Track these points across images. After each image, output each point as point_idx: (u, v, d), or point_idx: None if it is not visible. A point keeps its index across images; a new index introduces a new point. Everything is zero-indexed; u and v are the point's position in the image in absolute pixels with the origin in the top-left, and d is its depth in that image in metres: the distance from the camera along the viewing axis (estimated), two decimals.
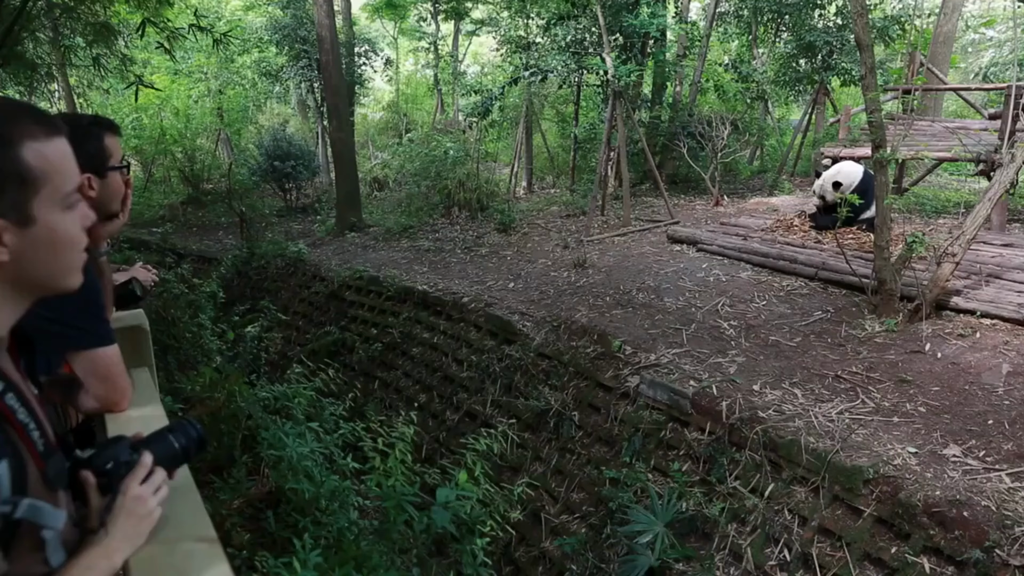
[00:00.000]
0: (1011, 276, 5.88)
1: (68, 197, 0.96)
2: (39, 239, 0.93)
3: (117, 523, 1.09)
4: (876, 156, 5.32)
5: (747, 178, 13.64)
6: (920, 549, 3.45)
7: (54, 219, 0.94)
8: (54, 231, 0.94)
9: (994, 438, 3.96)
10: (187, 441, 1.27)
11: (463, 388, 6.57)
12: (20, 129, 0.91)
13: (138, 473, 1.15)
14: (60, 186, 0.95)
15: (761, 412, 4.44)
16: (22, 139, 0.90)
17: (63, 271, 0.99)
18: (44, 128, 0.94)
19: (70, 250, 0.98)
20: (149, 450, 1.19)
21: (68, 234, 0.97)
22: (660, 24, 10.83)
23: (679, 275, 7.09)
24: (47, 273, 0.97)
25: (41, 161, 0.92)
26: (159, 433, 1.26)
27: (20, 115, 0.93)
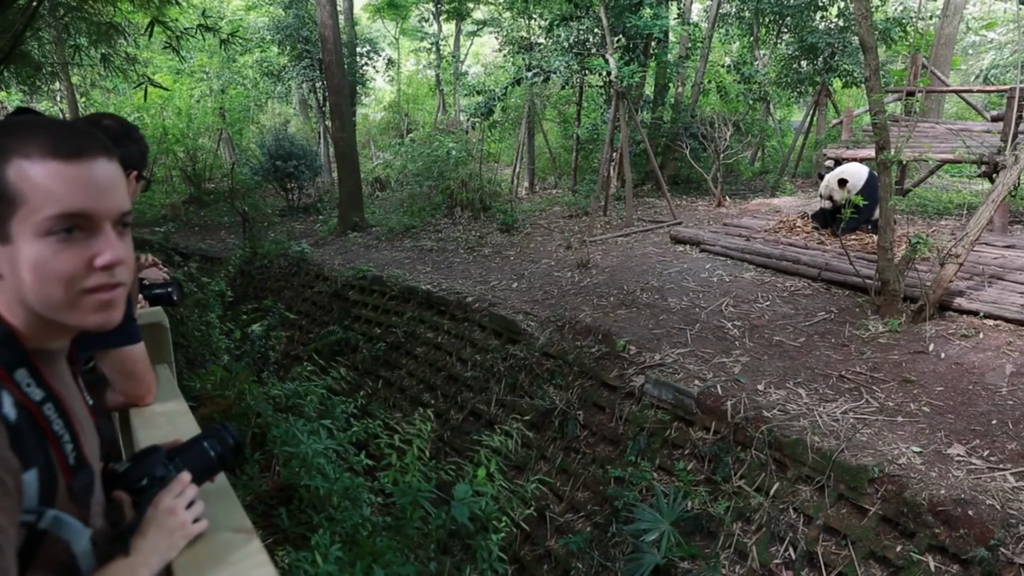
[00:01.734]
0: (1014, 277, 5.91)
1: (48, 223, 0.89)
2: (17, 261, 0.90)
3: (146, 536, 1.06)
4: (880, 158, 5.35)
5: (749, 179, 13.67)
6: (925, 547, 3.47)
7: (28, 246, 0.89)
8: (26, 259, 0.90)
9: (998, 438, 3.98)
10: (222, 448, 1.24)
11: (467, 387, 6.59)
12: (17, 145, 0.89)
13: (173, 488, 1.12)
14: (39, 211, 0.89)
15: (766, 412, 4.46)
16: (13, 156, 0.88)
17: (51, 304, 0.93)
18: (46, 148, 0.89)
19: (50, 282, 0.91)
20: (184, 461, 1.17)
21: (44, 266, 0.90)
22: (663, 25, 10.86)
23: (683, 275, 7.12)
24: (36, 299, 0.92)
25: (21, 180, 0.88)
26: (194, 441, 1.24)
27: (28, 133, 0.90)
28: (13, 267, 0.91)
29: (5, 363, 0.92)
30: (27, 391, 0.92)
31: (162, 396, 1.76)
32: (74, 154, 0.91)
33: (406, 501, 2.51)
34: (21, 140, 0.89)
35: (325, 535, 2.08)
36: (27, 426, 0.90)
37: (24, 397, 0.91)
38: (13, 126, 0.91)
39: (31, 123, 0.92)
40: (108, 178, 0.95)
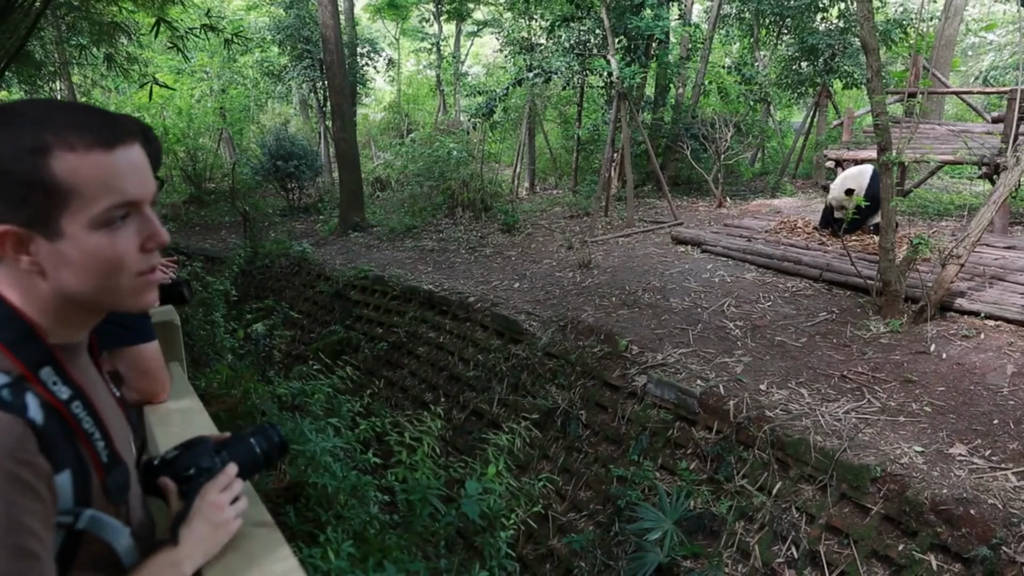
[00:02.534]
0: (1014, 278, 5.93)
1: (105, 215, 0.88)
2: (68, 255, 0.88)
3: (192, 529, 1.05)
4: (882, 159, 5.37)
5: (749, 180, 13.70)
6: (927, 546, 3.49)
7: (85, 238, 0.88)
8: (84, 251, 0.88)
9: (1000, 437, 4.00)
10: (269, 446, 1.24)
11: (469, 387, 6.61)
12: (57, 137, 0.85)
13: (220, 480, 1.11)
14: (95, 203, 0.87)
15: (768, 411, 4.48)
16: (54, 148, 0.85)
17: (107, 292, 0.92)
18: (88, 139, 0.87)
19: (109, 271, 0.90)
20: (231, 454, 1.17)
21: (104, 255, 0.89)
22: (664, 26, 10.88)
23: (684, 276, 7.14)
24: (88, 291, 0.91)
25: (72, 175, 0.85)
26: (241, 436, 1.23)
27: (63, 121, 0.86)
28: (62, 262, 0.88)
29: (29, 361, 0.89)
30: (54, 390, 0.90)
31: (176, 394, 1.78)
32: (118, 141, 0.90)
33: (416, 498, 2.53)
34: (58, 131, 0.85)
35: (336, 532, 2.09)
36: (56, 427, 0.87)
37: (51, 396, 0.89)
38: (39, 114, 0.86)
39: (59, 110, 0.89)
40: (145, 161, 0.95)
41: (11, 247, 0.87)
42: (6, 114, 0.86)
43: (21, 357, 0.87)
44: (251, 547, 1.09)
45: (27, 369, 0.87)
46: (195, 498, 1.08)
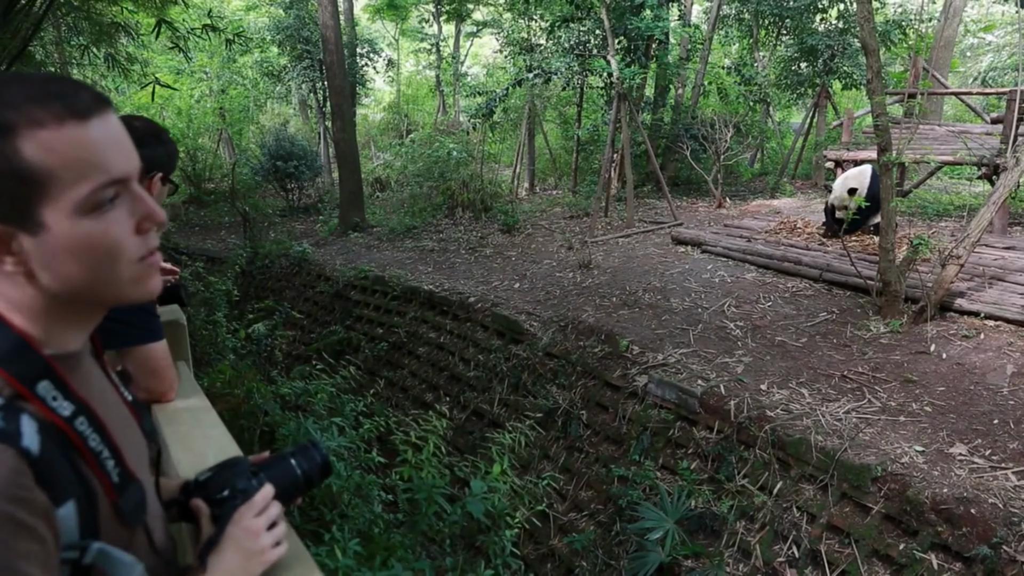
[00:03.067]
0: (1014, 279, 5.95)
1: (92, 197, 0.77)
2: (57, 249, 0.76)
3: (225, 558, 0.96)
4: (882, 159, 5.39)
5: (748, 180, 13.72)
6: (928, 545, 3.51)
7: (72, 227, 0.76)
8: (73, 242, 0.77)
9: (1000, 437, 4.02)
10: (310, 467, 1.14)
11: (470, 387, 6.61)
12: (20, 114, 0.73)
13: (255, 504, 1.02)
14: (76, 184, 0.75)
15: (769, 411, 4.50)
16: (19, 127, 0.72)
17: (105, 284, 0.81)
18: (57, 111, 0.74)
19: (106, 259, 0.79)
20: (268, 476, 1.08)
21: (96, 244, 0.78)
22: (664, 27, 10.90)
23: (684, 276, 7.15)
24: (84, 287, 0.80)
25: (45, 155, 0.73)
26: (280, 456, 1.14)
27: (24, 94, 0.74)
28: (49, 258, 0.77)
29: (24, 377, 0.77)
30: (53, 406, 0.79)
31: (183, 393, 1.79)
32: (91, 110, 0.77)
33: (422, 497, 2.54)
34: (20, 106, 0.73)
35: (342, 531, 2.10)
36: (57, 452, 0.77)
37: (51, 414, 0.78)
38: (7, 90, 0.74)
39: (14, 81, 0.75)
40: (125, 132, 0.82)
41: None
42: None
43: (14, 372, 0.77)
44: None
45: (21, 385, 0.77)
46: (227, 523, 0.99)
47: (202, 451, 1.46)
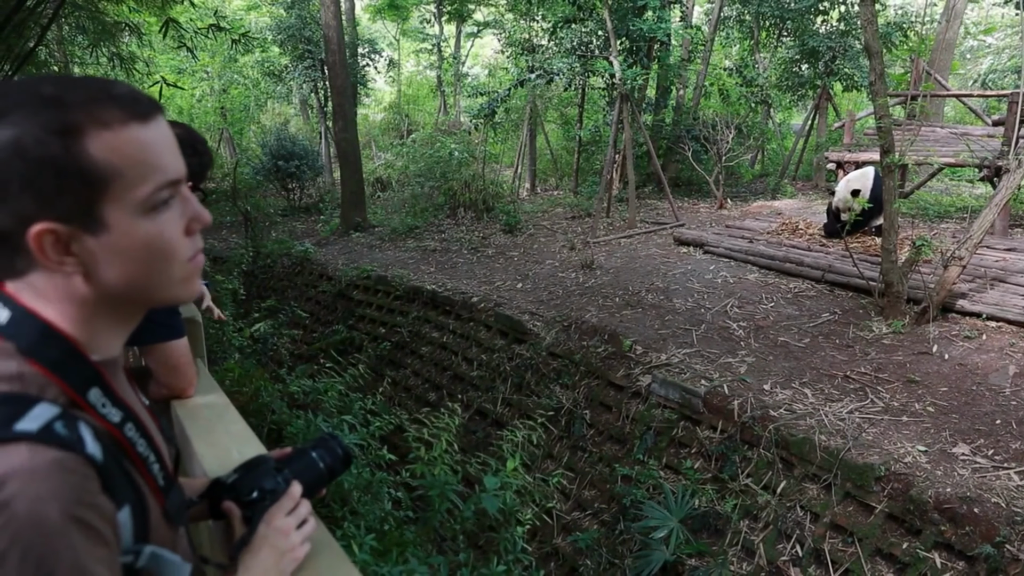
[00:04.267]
0: (1015, 280, 5.98)
1: (152, 197, 0.78)
2: (117, 249, 0.77)
3: (259, 558, 0.98)
4: (885, 161, 5.41)
5: (749, 181, 13.75)
6: (931, 544, 3.53)
7: (132, 227, 0.77)
8: (133, 241, 0.78)
9: (1002, 437, 4.05)
10: (332, 459, 1.16)
11: (473, 387, 6.63)
12: (86, 114, 0.74)
13: (285, 504, 1.05)
14: (138, 184, 0.77)
15: (772, 411, 4.52)
16: (87, 127, 0.73)
17: (159, 284, 0.83)
18: (120, 112, 0.76)
19: (162, 259, 0.81)
20: (293, 472, 1.10)
21: (154, 243, 0.79)
22: (667, 29, 10.93)
23: (687, 277, 7.17)
24: (138, 287, 0.81)
25: (111, 155, 0.74)
26: (302, 451, 1.16)
27: (87, 96, 0.75)
28: (109, 258, 0.78)
29: (77, 384, 0.78)
30: (104, 413, 0.80)
31: (202, 389, 1.81)
32: (150, 112, 0.79)
33: (434, 493, 2.55)
34: (86, 107, 0.74)
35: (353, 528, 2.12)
36: (113, 459, 0.78)
37: (104, 421, 0.79)
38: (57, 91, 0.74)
39: (77, 84, 0.77)
40: (174, 137, 0.84)
41: (50, 249, 0.75)
42: (16, 95, 0.74)
43: (68, 380, 0.77)
44: (320, 572, 1.05)
45: (75, 393, 0.77)
46: (260, 523, 1.01)
47: (226, 446, 1.48)
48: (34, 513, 0.66)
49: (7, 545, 0.65)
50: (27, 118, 0.72)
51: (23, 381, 0.75)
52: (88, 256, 0.77)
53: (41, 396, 0.74)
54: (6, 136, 0.71)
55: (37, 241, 0.74)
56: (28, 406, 0.72)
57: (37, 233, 0.74)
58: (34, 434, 0.70)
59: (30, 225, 0.73)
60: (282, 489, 1.06)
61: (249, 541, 0.99)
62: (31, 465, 0.68)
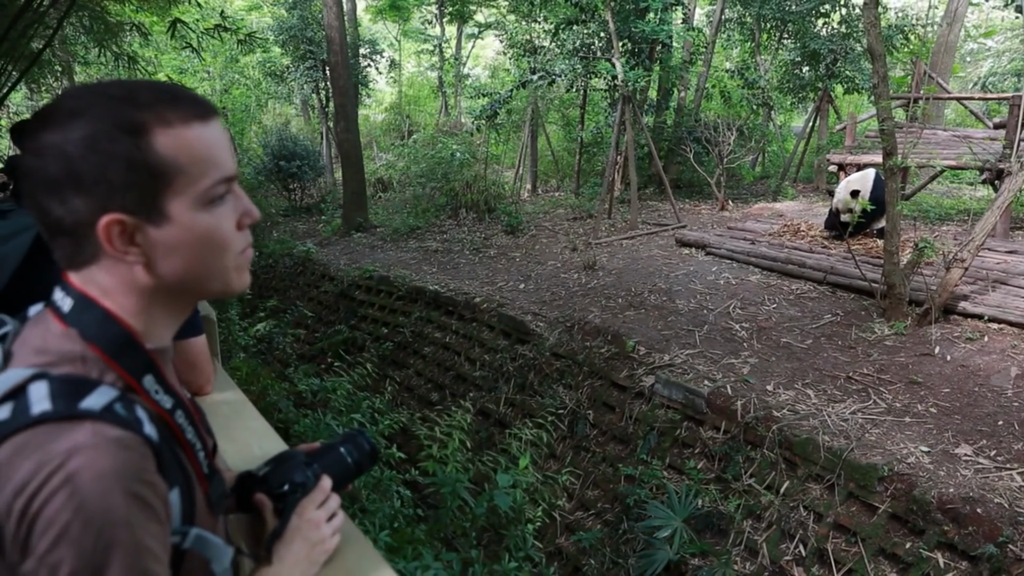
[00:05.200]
0: (1016, 282, 6.00)
1: (210, 191, 0.83)
2: (177, 240, 0.82)
3: (292, 549, 1.01)
4: (888, 163, 5.44)
5: (750, 183, 13.78)
6: (934, 544, 3.56)
7: (192, 219, 0.82)
8: (193, 233, 0.82)
9: (1004, 438, 4.07)
10: (359, 454, 1.19)
11: (476, 387, 6.65)
12: (152, 113, 0.79)
13: (316, 497, 1.08)
14: (199, 179, 0.82)
15: (775, 411, 4.54)
16: (154, 125, 0.79)
17: (214, 275, 0.87)
18: (183, 112, 0.81)
19: (217, 251, 0.85)
20: (322, 466, 1.13)
21: (211, 236, 0.84)
22: (669, 31, 10.96)
23: (689, 278, 7.20)
24: (194, 277, 0.85)
25: (176, 150, 0.79)
26: (330, 446, 1.18)
27: (152, 97, 0.80)
28: (170, 249, 0.82)
29: (133, 370, 0.82)
30: (157, 399, 0.83)
31: (219, 387, 1.83)
32: (209, 113, 0.85)
33: (447, 491, 2.57)
34: (151, 106, 0.79)
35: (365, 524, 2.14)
36: (165, 442, 0.81)
37: (156, 406, 0.83)
38: (125, 92, 0.80)
39: (142, 87, 0.82)
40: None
41: (117, 239, 0.79)
42: (88, 96, 0.79)
43: (124, 366, 0.81)
44: (349, 564, 1.08)
45: (131, 378, 0.81)
46: (292, 515, 1.04)
47: (246, 442, 1.50)
48: (96, 488, 0.70)
49: (70, 517, 0.68)
50: (100, 116, 0.77)
51: (85, 364, 0.79)
52: (150, 247, 0.81)
53: (101, 379, 0.79)
54: (81, 133, 0.77)
55: (106, 231, 0.78)
56: (90, 388, 0.76)
57: (107, 223, 0.78)
58: (97, 413, 0.74)
59: (100, 216, 0.78)
60: (312, 483, 1.09)
61: (282, 532, 1.02)
62: (94, 442, 0.72)
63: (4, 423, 0.73)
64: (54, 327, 0.82)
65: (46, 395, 0.74)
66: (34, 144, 0.78)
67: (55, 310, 0.83)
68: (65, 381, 0.76)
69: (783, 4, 13.03)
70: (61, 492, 0.68)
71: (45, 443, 0.71)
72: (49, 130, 0.78)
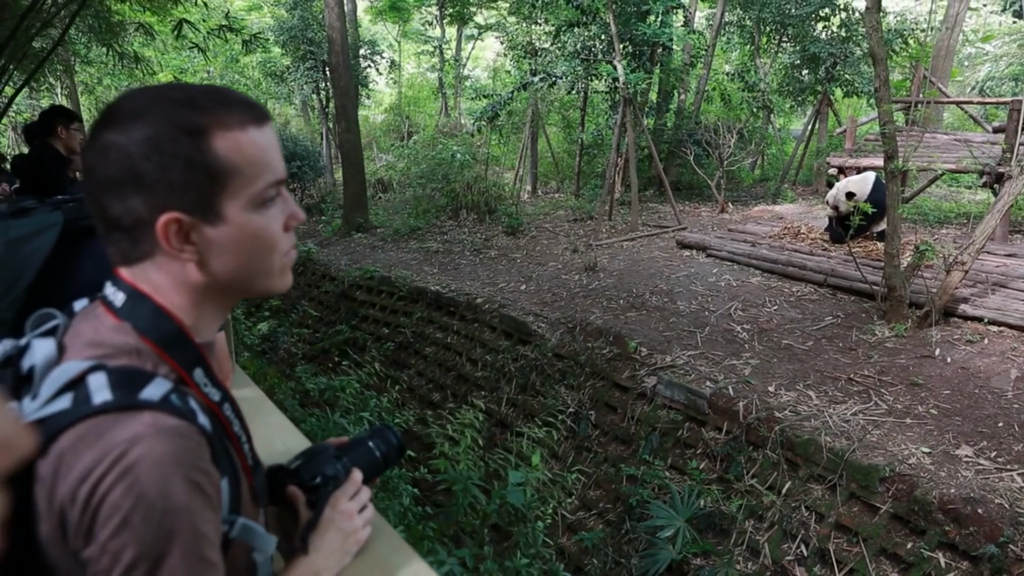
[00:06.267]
0: (1016, 285, 6.04)
1: (263, 193, 0.86)
2: (230, 238, 0.84)
3: (325, 539, 1.04)
4: (890, 167, 5.47)
5: (749, 186, 13.82)
6: (936, 544, 3.58)
7: (245, 220, 0.85)
8: (245, 233, 0.85)
9: (1005, 440, 4.10)
10: (387, 448, 1.21)
11: (477, 387, 6.67)
12: (211, 116, 0.82)
13: (348, 489, 1.11)
14: (253, 181, 0.85)
15: (777, 412, 4.57)
16: (213, 128, 0.81)
17: (261, 274, 0.89)
18: (240, 116, 0.84)
19: (266, 251, 0.88)
20: (351, 460, 1.15)
21: (262, 236, 0.87)
22: (671, 34, 11.00)
23: (690, 280, 7.23)
24: (247, 274, 0.88)
25: (233, 153, 0.82)
26: (359, 441, 1.21)
27: (210, 101, 0.83)
28: (223, 248, 0.85)
29: (184, 363, 0.84)
30: (207, 391, 0.86)
31: (236, 383, 1.86)
32: (263, 118, 0.87)
33: (459, 488, 2.59)
34: (210, 110, 0.82)
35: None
36: (216, 433, 0.84)
37: (206, 399, 0.85)
38: (183, 96, 0.83)
39: (200, 91, 0.85)
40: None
41: (174, 237, 0.82)
42: (148, 98, 0.82)
43: (177, 359, 0.84)
44: (380, 554, 1.11)
45: (183, 371, 0.84)
46: (325, 507, 1.06)
47: (268, 437, 1.52)
48: (157, 475, 0.72)
49: (132, 505, 0.71)
50: (161, 118, 0.80)
51: (140, 357, 0.81)
52: (205, 246, 0.84)
53: (156, 372, 0.81)
54: (143, 134, 0.79)
55: (164, 229, 0.81)
56: (147, 379, 0.79)
57: (165, 222, 0.81)
58: (156, 403, 0.76)
59: (159, 215, 0.80)
60: (343, 475, 1.12)
61: (317, 523, 1.04)
62: (154, 431, 0.74)
63: (65, 412, 0.74)
64: (107, 321, 0.84)
65: (105, 385, 0.76)
66: (95, 143, 0.81)
67: (107, 304, 0.85)
68: (122, 372, 0.78)
69: (783, 7, 13.08)
70: (124, 480, 0.71)
71: (107, 432, 0.73)
72: (111, 130, 0.80)
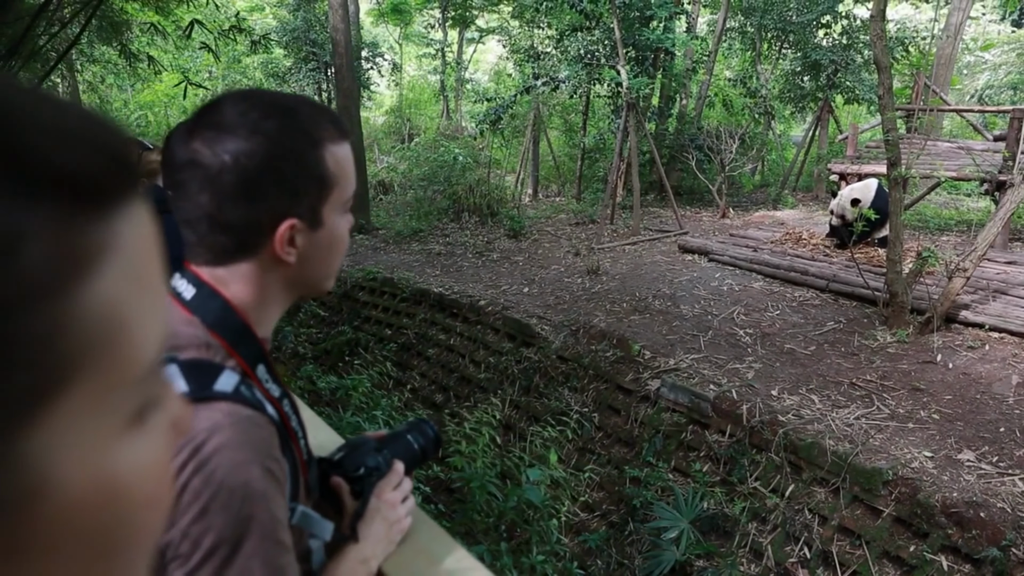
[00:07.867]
0: (1016, 292, 6.09)
1: (348, 201, 0.95)
2: (322, 242, 0.91)
3: (372, 528, 1.08)
4: (893, 174, 5.52)
5: (750, 191, 13.88)
6: (938, 547, 3.62)
7: (336, 224, 0.93)
8: (334, 234, 0.93)
9: (1006, 445, 4.14)
10: (425, 441, 1.25)
11: (480, 389, 6.68)
12: (323, 131, 0.89)
13: (391, 479, 1.14)
14: (346, 190, 0.93)
15: (780, 416, 4.61)
16: (324, 142, 0.88)
17: (331, 273, 0.97)
18: (338, 131, 0.92)
19: (339, 254, 0.96)
20: (392, 452, 1.18)
21: (343, 240, 0.96)
22: (674, 39, 11.06)
23: (693, 284, 7.27)
24: (320, 275, 0.95)
25: (335, 164, 0.90)
26: (398, 434, 1.24)
27: (322, 117, 0.90)
28: (316, 250, 0.91)
29: (249, 359, 0.88)
30: (268, 387, 0.89)
31: None
32: (347, 133, 0.95)
33: (476, 485, 2.62)
34: (319, 124, 0.89)
35: None
36: (279, 425, 0.88)
37: (268, 395, 0.88)
38: (310, 112, 0.90)
39: (316, 107, 0.92)
40: None
41: (287, 242, 0.88)
42: (261, 107, 0.86)
43: (243, 354, 0.87)
44: (422, 543, 1.15)
45: (248, 366, 0.87)
46: (371, 496, 1.10)
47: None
48: (235, 463, 0.75)
49: (214, 491, 0.74)
50: (280, 130, 0.86)
51: (210, 350, 0.84)
52: (305, 248, 0.90)
53: (224, 365, 0.84)
54: (266, 145, 0.84)
55: (283, 234, 0.87)
56: (218, 371, 0.82)
57: (287, 227, 0.87)
58: (229, 394, 0.80)
59: (280, 220, 0.87)
60: (385, 467, 1.15)
61: (363, 513, 1.08)
62: (231, 420, 0.78)
63: None
64: (176, 313, 0.86)
65: (180, 377, 0.79)
66: (209, 148, 0.83)
67: (176, 296, 0.88)
68: (195, 365, 0.81)
69: (784, 14, 13.15)
70: (204, 469, 0.74)
71: None
72: (228, 137, 0.83)
